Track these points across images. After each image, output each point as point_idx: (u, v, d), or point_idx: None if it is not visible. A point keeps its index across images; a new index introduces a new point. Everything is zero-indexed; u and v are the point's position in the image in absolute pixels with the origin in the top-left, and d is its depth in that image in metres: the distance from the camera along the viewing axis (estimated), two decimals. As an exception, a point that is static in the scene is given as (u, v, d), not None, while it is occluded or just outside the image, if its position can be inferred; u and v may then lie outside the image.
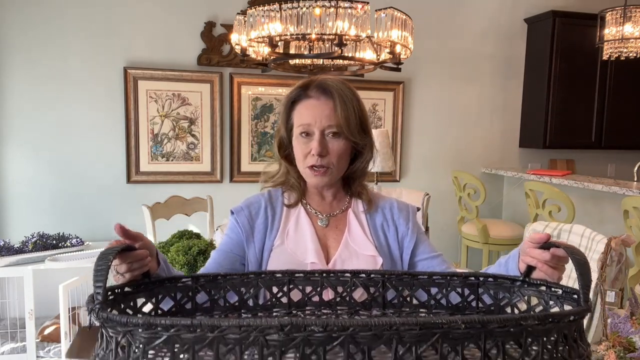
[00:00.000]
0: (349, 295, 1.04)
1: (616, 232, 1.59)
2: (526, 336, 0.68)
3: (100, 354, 0.71)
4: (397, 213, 1.22)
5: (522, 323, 0.67)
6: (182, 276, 1.00)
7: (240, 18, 2.31)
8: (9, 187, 3.35)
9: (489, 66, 4.15)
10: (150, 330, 0.65)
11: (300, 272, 1.03)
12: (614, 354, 1.20)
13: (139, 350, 0.66)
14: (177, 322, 0.65)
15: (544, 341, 0.69)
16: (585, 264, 0.78)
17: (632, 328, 1.28)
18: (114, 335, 0.69)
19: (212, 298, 1.01)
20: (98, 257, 0.77)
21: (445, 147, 4.13)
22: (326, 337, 0.64)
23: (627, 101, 4.12)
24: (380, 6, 2.17)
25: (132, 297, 0.91)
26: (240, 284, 1.02)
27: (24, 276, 2.68)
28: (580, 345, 0.73)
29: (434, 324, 0.65)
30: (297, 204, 1.22)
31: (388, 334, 0.65)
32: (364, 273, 1.04)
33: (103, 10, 3.40)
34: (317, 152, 1.12)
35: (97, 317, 0.70)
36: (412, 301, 1.04)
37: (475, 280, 1.01)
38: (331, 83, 1.16)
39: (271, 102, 3.73)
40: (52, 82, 3.36)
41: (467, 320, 0.65)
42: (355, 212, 1.22)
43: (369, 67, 2.58)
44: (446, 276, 1.02)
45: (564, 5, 4.13)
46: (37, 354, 2.71)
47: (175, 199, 2.91)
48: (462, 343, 0.66)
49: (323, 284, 1.04)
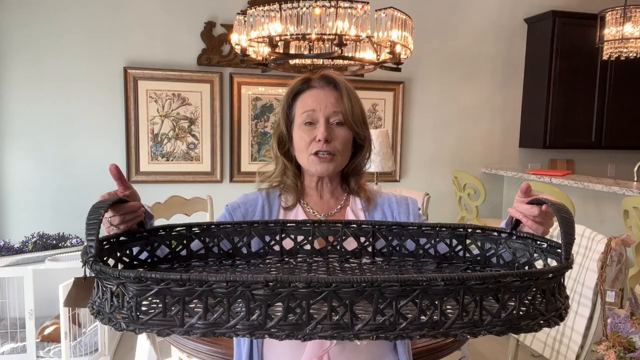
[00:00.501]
0: (340, 244, 1.07)
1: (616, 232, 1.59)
2: (504, 292, 0.70)
3: (97, 302, 0.74)
4: (397, 208, 1.22)
5: (500, 280, 0.69)
6: (175, 225, 1.02)
7: (240, 18, 2.31)
8: (9, 187, 3.35)
9: (489, 66, 4.16)
10: (141, 283, 0.68)
11: (292, 222, 1.06)
12: (614, 354, 1.20)
13: (132, 301, 0.69)
14: (167, 277, 0.67)
15: (522, 296, 0.71)
16: (570, 221, 0.80)
17: (632, 328, 1.28)
18: (109, 286, 0.72)
19: (207, 246, 1.04)
20: (90, 211, 0.80)
21: (445, 147, 4.13)
22: (310, 292, 0.67)
23: (627, 101, 4.13)
24: (380, 6, 2.17)
25: (128, 246, 0.94)
26: (233, 232, 1.05)
27: (24, 276, 2.68)
28: (558, 299, 0.75)
29: (414, 281, 0.68)
30: (295, 205, 1.21)
31: (370, 290, 0.68)
32: (354, 224, 1.07)
33: (103, 10, 3.40)
34: (324, 137, 1.12)
35: (91, 269, 0.74)
36: (402, 250, 1.07)
37: (463, 231, 1.04)
38: (335, 75, 1.18)
39: (271, 102, 3.73)
40: (52, 82, 3.36)
41: (446, 278, 0.68)
42: (354, 210, 1.21)
43: (369, 67, 2.58)
44: (435, 227, 1.05)
45: (564, 5, 4.13)
46: (37, 354, 2.71)
47: (175, 199, 2.91)
48: (441, 298, 0.69)
49: (314, 233, 1.06)
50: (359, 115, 1.17)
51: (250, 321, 0.68)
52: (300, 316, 0.68)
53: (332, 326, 0.68)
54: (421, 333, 0.69)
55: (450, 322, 0.69)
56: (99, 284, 0.74)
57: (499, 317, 0.70)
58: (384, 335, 0.69)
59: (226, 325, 0.68)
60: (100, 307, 0.73)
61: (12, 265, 2.72)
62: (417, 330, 0.69)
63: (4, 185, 3.34)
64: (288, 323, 0.68)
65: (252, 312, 0.68)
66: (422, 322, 0.69)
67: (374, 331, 0.68)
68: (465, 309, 0.69)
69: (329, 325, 0.68)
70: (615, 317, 1.32)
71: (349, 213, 1.20)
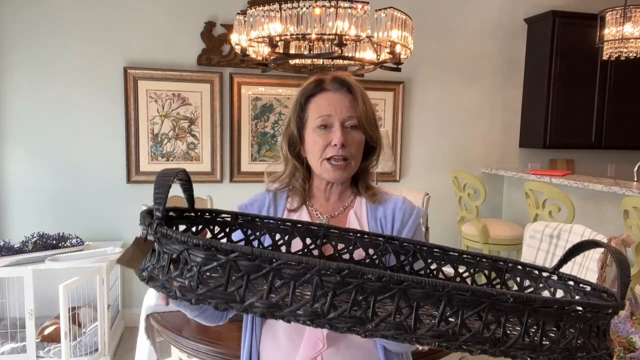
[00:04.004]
0: (379, 259, 1.07)
1: (616, 232, 1.59)
2: (566, 320, 0.70)
3: (149, 268, 0.71)
4: (399, 214, 1.20)
5: (565, 307, 0.69)
6: (222, 211, 1.01)
7: (240, 18, 2.31)
8: (9, 187, 3.35)
9: (489, 66, 4.16)
10: (210, 251, 0.66)
11: (335, 229, 1.06)
12: (614, 353, 1.20)
13: (194, 270, 0.67)
14: (238, 248, 0.65)
15: (582, 327, 0.71)
16: (626, 264, 0.80)
17: (632, 328, 1.28)
18: (168, 252, 0.69)
19: (248, 238, 1.03)
20: (159, 174, 0.77)
21: (445, 147, 4.13)
22: (380, 287, 0.66)
23: (627, 101, 4.13)
24: (380, 6, 2.17)
25: (175, 223, 0.93)
26: (276, 228, 1.04)
27: (24, 276, 2.68)
28: (608, 339, 0.75)
29: (484, 293, 0.66)
30: (300, 207, 1.20)
31: (438, 295, 0.66)
32: (397, 240, 1.07)
33: (103, 10, 3.40)
34: (340, 142, 1.11)
35: (155, 232, 0.70)
36: (438, 275, 1.06)
37: (503, 265, 1.02)
38: (348, 77, 1.17)
39: (271, 102, 3.73)
40: (52, 82, 3.36)
41: (515, 295, 0.67)
42: (357, 212, 1.20)
43: (369, 67, 2.58)
44: (475, 257, 1.04)
45: (564, 5, 4.13)
46: (37, 354, 2.71)
47: (175, 199, 2.90)
48: (506, 315, 0.68)
49: (356, 243, 1.06)
50: (372, 117, 1.16)
51: (313, 308, 0.66)
52: (365, 311, 0.66)
53: (395, 326, 0.67)
54: (482, 347, 0.67)
55: (512, 342, 0.68)
56: (157, 249, 0.71)
57: (558, 344, 0.69)
58: (445, 344, 0.67)
59: (288, 309, 0.65)
60: (153, 273, 0.70)
61: (12, 265, 2.72)
62: (479, 344, 0.67)
63: (4, 185, 3.34)
64: (352, 316, 0.66)
65: (317, 299, 0.66)
66: (485, 337, 0.67)
67: (436, 338, 0.67)
68: (527, 330, 0.69)
69: (392, 324, 0.66)
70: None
71: (351, 215, 1.19)
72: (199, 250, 0.66)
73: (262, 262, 0.65)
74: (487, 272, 1.02)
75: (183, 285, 0.67)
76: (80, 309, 2.81)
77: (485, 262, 1.03)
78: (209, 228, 0.99)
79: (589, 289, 0.88)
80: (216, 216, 1.00)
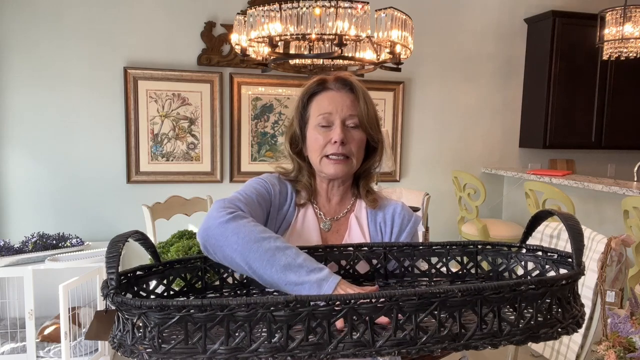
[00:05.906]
0: (352, 268, 1.08)
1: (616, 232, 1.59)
2: (520, 301, 0.70)
3: (117, 335, 0.75)
4: (398, 219, 1.20)
5: (516, 289, 0.70)
6: (190, 257, 1.03)
7: (240, 18, 2.31)
8: (9, 187, 3.35)
9: (489, 66, 4.16)
10: (163, 311, 0.69)
11: (305, 248, 1.05)
12: (614, 354, 1.20)
13: (154, 331, 0.70)
14: (188, 303, 0.68)
15: (538, 304, 0.71)
16: (578, 229, 0.81)
17: (632, 328, 1.28)
18: (130, 318, 0.72)
19: (222, 277, 1.05)
20: (109, 245, 0.81)
21: (445, 147, 4.13)
22: (329, 310, 0.68)
23: (627, 101, 4.12)
24: (380, 6, 2.17)
25: (145, 280, 0.94)
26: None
27: (24, 276, 2.68)
28: (574, 307, 0.76)
29: (431, 294, 0.68)
30: (306, 203, 1.21)
31: (389, 305, 0.68)
32: (366, 246, 1.08)
33: (103, 10, 3.40)
34: (340, 139, 1.12)
35: (112, 302, 0.74)
36: (414, 271, 1.07)
37: (473, 248, 1.04)
38: (350, 77, 1.18)
39: (271, 102, 3.73)
40: (52, 82, 3.36)
41: (463, 289, 0.68)
42: (358, 216, 1.21)
43: (369, 67, 2.58)
44: (445, 245, 1.06)
45: (564, 5, 4.13)
46: (37, 354, 2.71)
47: (175, 199, 2.91)
48: (459, 310, 0.69)
49: (327, 258, 1.07)
50: (374, 118, 1.17)
51: (272, 344, 0.68)
52: (322, 335, 0.68)
53: (354, 344, 0.68)
54: (442, 346, 0.69)
55: (470, 334, 0.69)
56: (120, 316, 0.74)
57: (518, 326, 0.70)
58: (405, 351, 0.68)
59: (248, 349, 0.68)
60: (122, 340, 0.73)
61: (12, 265, 2.72)
62: (438, 343, 0.69)
63: (4, 185, 3.34)
64: (310, 343, 0.68)
65: (273, 334, 0.68)
66: (443, 335, 0.69)
67: (396, 346, 0.68)
68: (483, 319, 0.69)
69: (350, 343, 0.68)
70: (615, 317, 1.32)
71: (352, 220, 1.20)
72: (154, 311, 0.69)
73: (213, 310, 0.68)
74: (459, 258, 1.05)
75: (147, 347, 0.70)
76: (80, 309, 2.81)
77: (455, 249, 1.05)
78: (181, 276, 1.00)
79: (556, 256, 0.90)
80: (186, 263, 1.01)
